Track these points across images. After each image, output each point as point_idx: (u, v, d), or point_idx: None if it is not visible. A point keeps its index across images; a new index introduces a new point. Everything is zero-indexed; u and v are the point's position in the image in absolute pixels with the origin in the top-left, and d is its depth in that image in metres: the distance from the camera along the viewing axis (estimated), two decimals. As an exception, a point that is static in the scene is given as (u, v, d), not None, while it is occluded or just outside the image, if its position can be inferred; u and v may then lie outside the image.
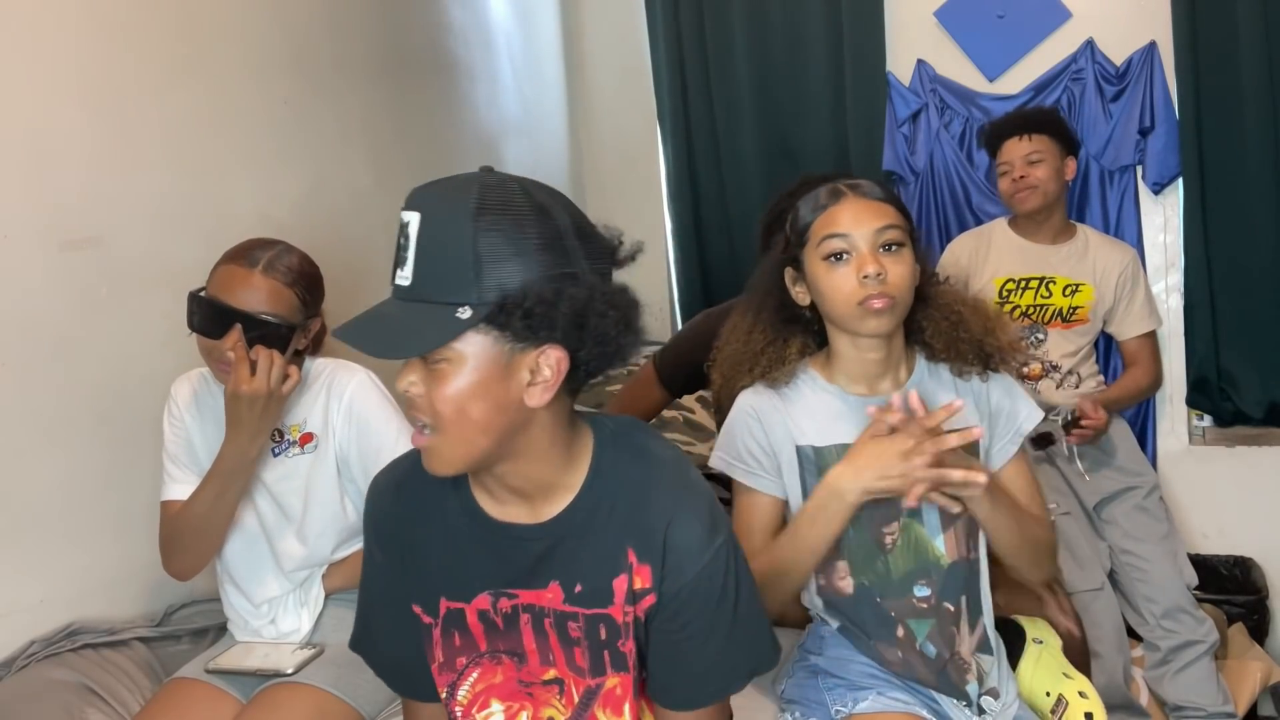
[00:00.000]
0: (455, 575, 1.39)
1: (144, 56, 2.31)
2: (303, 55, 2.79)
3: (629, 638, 1.37)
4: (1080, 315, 3.02)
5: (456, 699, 1.44)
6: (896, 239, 1.69)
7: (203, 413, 2.07)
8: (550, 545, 1.36)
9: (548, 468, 1.33)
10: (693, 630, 1.37)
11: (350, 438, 2.02)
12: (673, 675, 1.41)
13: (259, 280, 1.93)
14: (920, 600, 1.75)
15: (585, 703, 1.41)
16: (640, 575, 1.35)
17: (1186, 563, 2.93)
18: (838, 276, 1.69)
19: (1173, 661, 2.79)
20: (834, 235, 1.69)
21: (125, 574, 2.21)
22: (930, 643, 1.75)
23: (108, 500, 2.18)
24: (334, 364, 2.08)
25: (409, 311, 1.23)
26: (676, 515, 1.35)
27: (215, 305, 1.92)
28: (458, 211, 1.22)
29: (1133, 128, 3.29)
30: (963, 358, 1.77)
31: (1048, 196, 2.98)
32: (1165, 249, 3.37)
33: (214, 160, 2.47)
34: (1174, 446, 3.38)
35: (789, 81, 3.64)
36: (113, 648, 2.11)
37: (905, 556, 1.75)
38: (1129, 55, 3.29)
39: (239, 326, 1.90)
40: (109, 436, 2.18)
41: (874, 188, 1.76)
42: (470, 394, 1.22)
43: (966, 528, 1.77)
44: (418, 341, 1.22)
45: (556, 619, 1.38)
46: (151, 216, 2.29)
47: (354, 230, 2.93)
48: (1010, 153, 2.99)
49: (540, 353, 1.24)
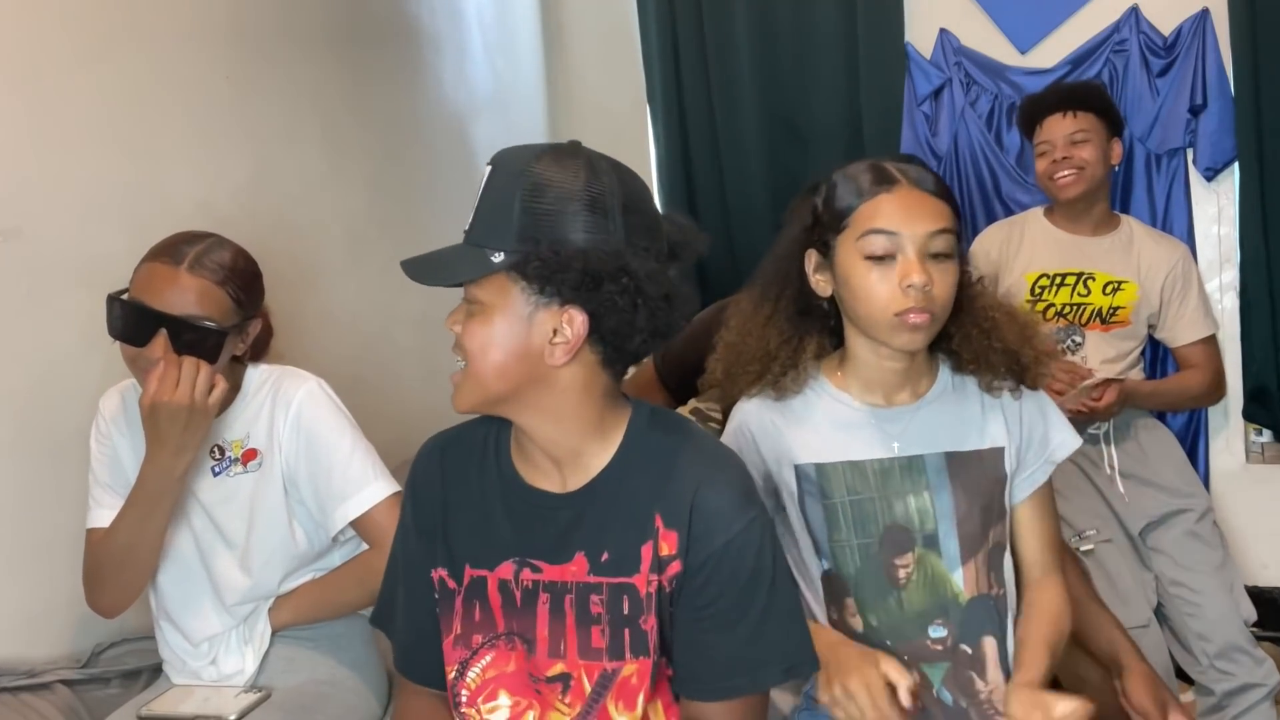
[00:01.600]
0: (483, 540, 1.55)
1: (69, 25, 2.32)
2: (247, 24, 2.80)
3: (650, 613, 1.47)
4: (1121, 316, 3.01)
5: (465, 680, 1.55)
6: (947, 249, 1.67)
7: (134, 429, 2.06)
8: (578, 514, 1.51)
9: (574, 434, 1.50)
10: (720, 608, 1.47)
11: (298, 453, 2.02)
12: (698, 661, 1.50)
13: (186, 279, 1.91)
14: (935, 642, 1.76)
15: (598, 693, 1.50)
16: (666, 541, 1.48)
17: (1244, 596, 2.93)
18: (876, 279, 1.67)
19: (1228, 708, 2.80)
20: (880, 231, 1.66)
21: (47, 608, 2.21)
22: (946, 689, 1.76)
23: (28, 524, 2.19)
24: (280, 371, 2.08)
25: (457, 252, 1.46)
26: (706, 481, 1.49)
27: (137, 308, 1.91)
28: (516, 166, 1.44)
29: (1182, 106, 3.32)
30: (994, 370, 1.76)
31: (1092, 182, 2.98)
32: (1219, 242, 3.40)
33: (148, 142, 2.48)
34: (1229, 465, 3.41)
35: (795, 54, 3.66)
36: (32, 691, 2.11)
37: (920, 593, 1.76)
38: (1178, 24, 3.32)
39: (164, 332, 1.89)
40: (29, 452, 2.19)
41: (926, 175, 1.71)
42: (493, 337, 1.44)
43: (989, 559, 1.78)
44: (448, 274, 1.47)
45: (579, 594, 1.50)
46: (77, 205, 2.30)
47: (303, 219, 2.95)
48: (1051, 131, 2.99)
49: (564, 312, 1.42)
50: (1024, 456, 1.81)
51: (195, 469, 2.01)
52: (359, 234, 3.13)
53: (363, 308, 3.13)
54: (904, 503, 1.76)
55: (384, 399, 3.05)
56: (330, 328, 2.96)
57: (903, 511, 1.76)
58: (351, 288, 3.10)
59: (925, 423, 1.78)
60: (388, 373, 3.21)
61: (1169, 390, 3.11)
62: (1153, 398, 3.06)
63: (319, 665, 2.09)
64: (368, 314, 3.14)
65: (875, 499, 1.76)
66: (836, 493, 1.77)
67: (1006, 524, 1.82)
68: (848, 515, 1.77)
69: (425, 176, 3.40)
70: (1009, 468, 1.80)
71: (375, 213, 3.17)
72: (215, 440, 2.04)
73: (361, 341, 3.13)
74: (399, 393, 3.18)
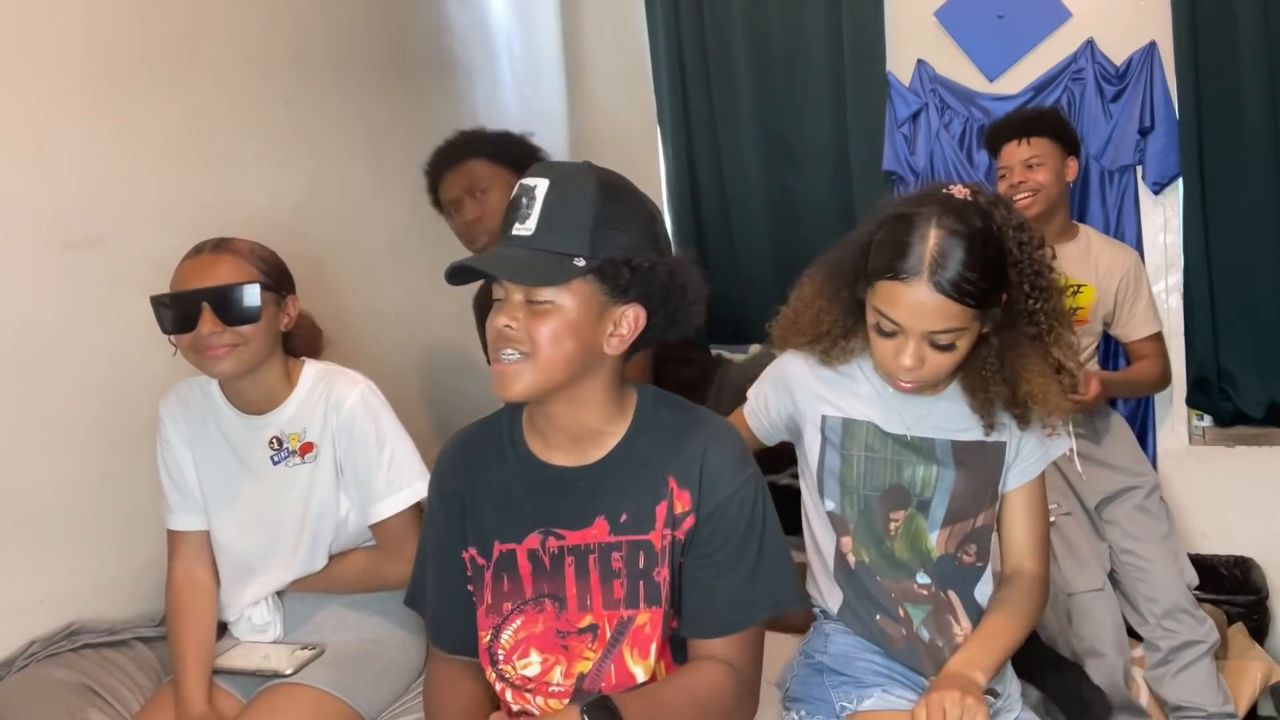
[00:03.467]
0: (509, 517, 1.57)
1: (145, 56, 2.32)
2: (304, 55, 2.79)
3: (664, 565, 1.53)
4: (1081, 316, 2.94)
5: (500, 642, 1.58)
6: (950, 341, 1.62)
7: (192, 429, 2.05)
8: (596, 484, 1.55)
9: (597, 415, 1.54)
10: (723, 556, 1.54)
11: (348, 451, 2.00)
12: (704, 605, 1.55)
13: (213, 260, 1.91)
14: (921, 587, 1.77)
15: (615, 639, 1.53)
16: (680, 500, 1.53)
17: (1187, 562, 2.92)
18: (880, 343, 1.66)
19: (1173, 662, 2.78)
20: (886, 317, 1.62)
21: (125, 574, 2.21)
22: (925, 628, 1.76)
23: (108, 500, 2.18)
24: (332, 370, 2.06)
25: (531, 256, 1.44)
26: (711, 444, 1.55)
27: (177, 296, 1.89)
28: (585, 182, 1.46)
29: (1133, 128, 3.29)
30: (989, 407, 1.72)
31: (1048, 201, 2.94)
32: (1165, 249, 3.36)
33: (215, 160, 2.47)
34: (1174, 446, 3.38)
35: (789, 82, 3.64)
36: (113, 647, 2.11)
37: (902, 545, 1.77)
38: (1129, 55, 3.29)
39: (207, 305, 1.87)
40: (109, 436, 2.19)
41: (962, 268, 1.56)
42: (568, 331, 1.45)
43: (973, 534, 1.77)
44: (543, 276, 1.43)
45: (601, 554, 1.54)
46: (151, 216, 2.29)
47: (353, 229, 2.93)
48: (1009, 157, 2.95)
49: (625, 309, 1.48)
50: (1023, 449, 1.79)
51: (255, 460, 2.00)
52: (402, 243, 3.11)
53: (406, 308, 3.11)
54: (912, 469, 1.75)
55: (425, 388, 3.04)
56: (377, 326, 2.94)
57: (909, 476, 1.75)
58: (396, 291, 3.08)
59: (942, 414, 1.76)
60: (428, 365, 3.19)
61: (1131, 379, 3.08)
62: (1119, 386, 3.06)
63: (366, 625, 2.08)
64: (411, 314, 3.12)
65: (888, 460, 1.76)
66: (855, 447, 1.77)
67: (996, 509, 1.80)
68: (861, 468, 1.77)
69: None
70: (1009, 460, 1.78)
71: (416, 224, 3.15)
72: (274, 433, 2.01)
73: (405, 338, 3.11)
74: (438, 382, 3.16)
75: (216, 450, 2.04)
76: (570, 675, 1.55)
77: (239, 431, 2.03)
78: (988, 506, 1.78)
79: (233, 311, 1.89)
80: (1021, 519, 1.81)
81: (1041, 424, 1.73)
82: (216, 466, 2.04)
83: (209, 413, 2.04)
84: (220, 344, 1.89)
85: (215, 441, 2.04)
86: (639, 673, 1.54)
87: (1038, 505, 1.82)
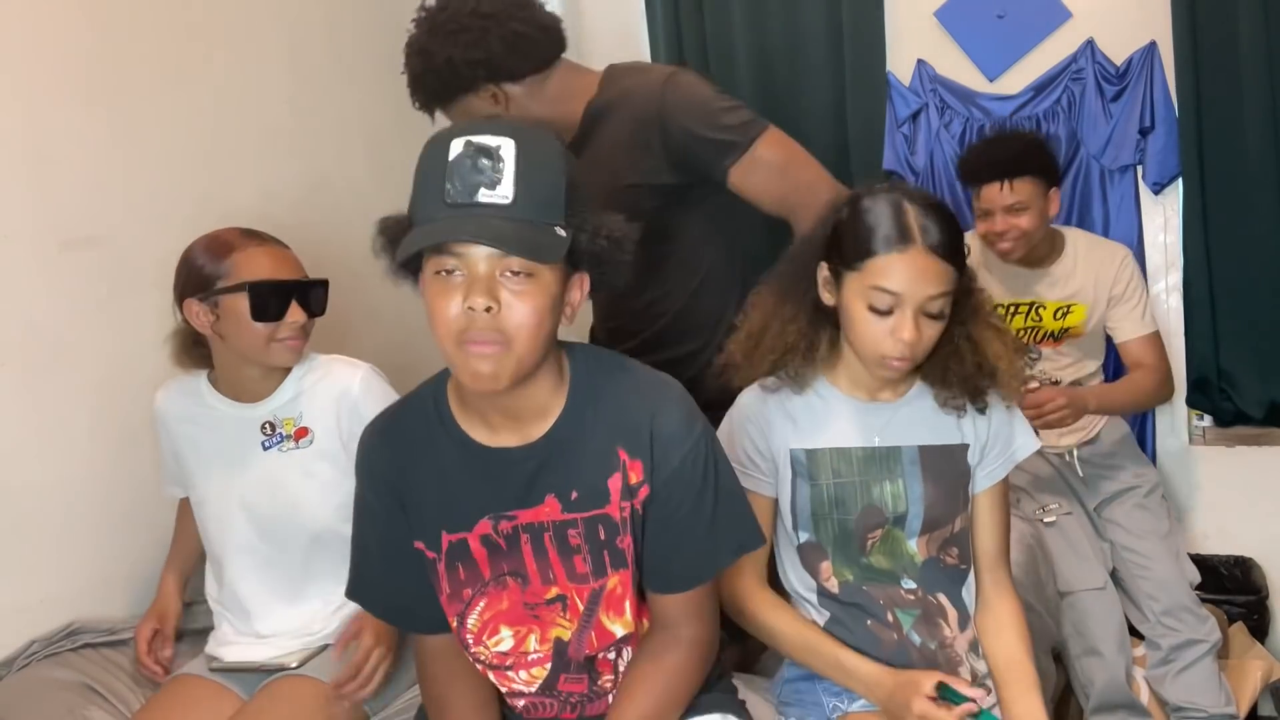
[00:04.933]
0: (453, 507, 1.47)
1: (145, 56, 2.32)
2: (303, 56, 2.79)
3: (626, 533, 1.46)
4: (1074, 333, 2.95)
5: (467, 627, 1.51)
6: (939, 310, 1.63)
7: (197, 425, 2.05)
8: (542, 462, 1.44)
9: (544, 390, 1.43)
10: (683, 514, 1.47)
11: (351, 434, 1.95)
12: (668, 560, 1.49)
13: (287, 254, 2.00)
14: (908, 592, 1.77)
15: (590, 610, 1.49)
16: (634, 470, 1.45)
17: (1188, 561, 2.92)
18: (873, 322, 1.64)
19: (1175, 661, 2.77)
20: (886, 291, 1.61)
21: (125, 573, 2.21)
22: (915, 632, 1.76)
23: (108, 500, 2.18)
24: (329, 359, 2.06)
25: (520, 226, 1.28)
26: (658, 408, 1.45)
27: (272, 286, 1.94)
28: (549, 141, 1.35)
29: (1133, 128, 3.28)
30: (950, 389, 1.74)
31: (1031, 241, 2.83)
32: (1165, 249, 3.35)
33: (215, 159, 2.47)
34: (1174, 446, 3.37)
35: (789, 82, 3.63)
36: (113, 647, 2.11)
37: (881, 555, 1.76)
38: (1129, 55, 3.28)
39: (294, 300, 1.96)
40: (109, 436, 2.19)
41: (942, 232, 1.61)
42: (545, 309, 1.32)
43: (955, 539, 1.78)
44: (546, 250, 1.29)
45: (556, 531, 1.46)
46: (151, 216, 2.29)
47: (353, 228, 2.90)
48: (990, 200, 2.81)
49: (576, 276, 1.38)
50: (987, 453, 1.79)
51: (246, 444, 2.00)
52: (402, 242, 3.09)
53: (404, 306, 3.04)
54: (880, 487, 1.74)
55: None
56: (377, 323, 2.94)
57: (879, 495, 1.74)
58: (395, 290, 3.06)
59: (905, 419, 1.77)
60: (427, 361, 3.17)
61: (1127, 393, 2.93)
62: (1115, 402, 2.91)
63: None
64: (409, 311, 3.05)
65: (856, 483, 1.75)
66: (823, 475, 1.75)
67: (969, 513, 1.81)
68: (831, 495, 1.75)
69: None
70: (972, 462, 1.78)
71: (417, 223, 3.15)
72: (266, 418, 2.00)
73: (404, 335, 3.08)
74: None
75: (209, 441, 2.03)
76: (546, 640, 1.52)
77: (230, 421, 2.02)
78: (962, 510, 1.79)
79: (315, 305, 2.00)
80: (989, 521, 1.82)
81: (1002, 399, 1.76)
82: (210, 457, 2.03)
83: (200, 410, 2.04)
84: (298, 335, 1.97)
85: (208, 433, 2.03)
86: (618, 629, 1.52)
87: (1003, 504, 1.83)
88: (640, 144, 2.16)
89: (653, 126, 2.15)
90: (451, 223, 1.29)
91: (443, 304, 1.31)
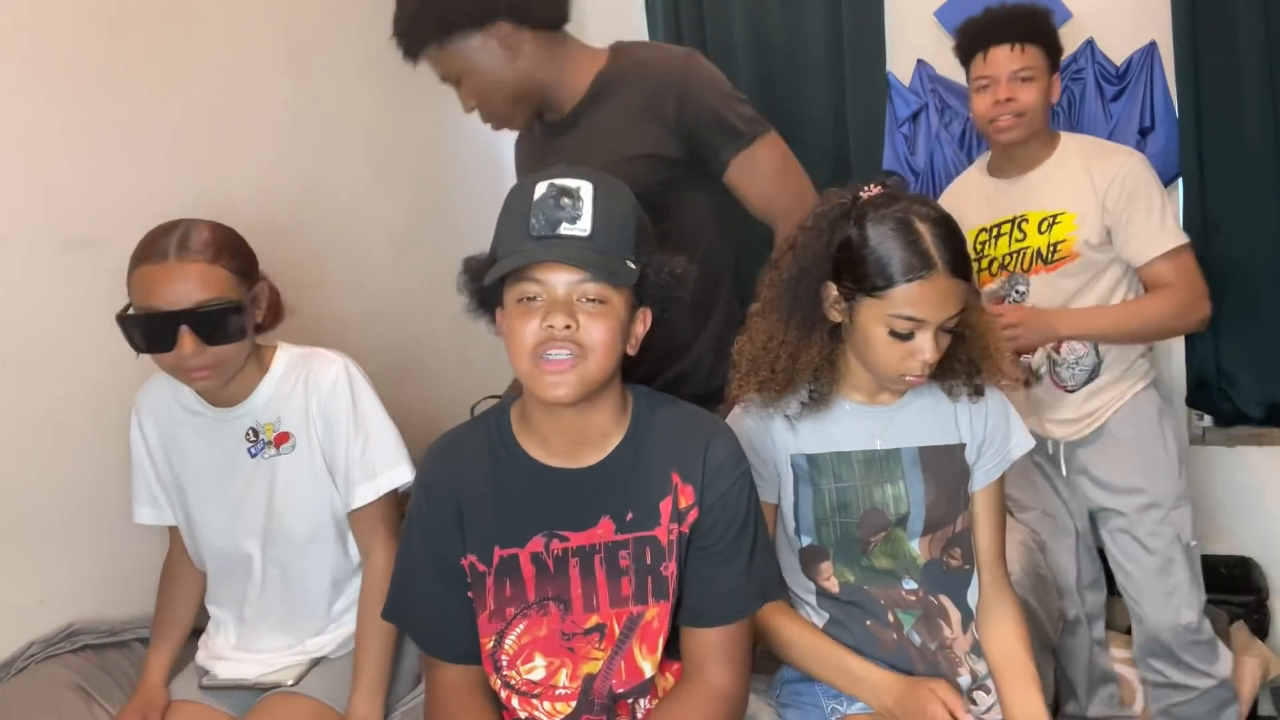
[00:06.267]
0: (509, 522, 1.57)
1: (144, 56, 2.32)
2: (302, 57, 2.79)
3: (671, 559, 1.55)
4: (1064, 251, 2.46)
5: (504, 648, 1.58)
6: (958, 321, 1.66)
7: (160, 427, 1.98)
8: (599, 485, 1.56)
9: (607, 416, 1.56)
10: (723, 547, 1.57)
11: (329, 433, 1.91)
12: (704, 595, 1.57)
13: (180, 270, 1.72)
14: (909, 593, 1.77)
15: (624, 637, 1.54)
16: (684, 495, 1.56)
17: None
18: (893, 348, 1.65)
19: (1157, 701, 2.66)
20: (911, 318, 1.62)
21: (125, 574, 2.20)
22: (915, 633, 1.76)
23: (107, 500, 2.17)
24: (308, 353, 1.97)
25: (597, 256, 1.44)
26: (712, 439, 1.58)
27: (149, 317, 1.73)
28: (621, 187, 1.51)
29: (1133, 128, 3.28)
30: (954, 377, 1.76)
31: (1032, 126, 2.48)
32: (1165, 249, 3.35)
33: (214, 160, 2.47)
34: (1174, 446, 3.37)
35: (789, 82, 3.63)
36: (113, 648, 2.11)
37: (882, 556, 1.77)
38: (1129, 55, 3.29)
39: (185, 328, 1.72)
40: (109, 436, 2.18)
41: (956, 252, 1.63)
42: (616, 331, 1.47)
43: (957, 539, 1.79)
44: (619, 276, 1.46)
45: (607, 553, 1.55)
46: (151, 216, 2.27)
47: (352, 229, 2.93)
48: (995, 65, 2.45)
49: (641, 311, 1.53)
50: (984, 452, 1.80)
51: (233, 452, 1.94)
52: (401, 242, 3.11)
53: (405, 307, 3.10)
54: (881, 490, 1.75)
55: (423, 387, 3.03)
56: (376, 325, 2.94)
57: (880, 497, 1.75)
58: (395, 290, 3.08)
59: (904, 420, 1.78)
60: (427, 364, 3.19)
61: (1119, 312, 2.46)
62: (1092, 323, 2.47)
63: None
64: (409, 313, 3.12)
65: (858, 486, 1.75)
66: (825, 480, 1.76)
67: (970, 512, 1.81)
68: (833, 499, 1.76)
69: (459, 191, 3.36)
70: (970, 461, 1.79)
71: (415, 223, 3.15)
72: (250, 423, 1.93)
73: (404, 337, 3.10)
74: (437, 381, 3.16)
75: (197, 447, 1.96)
76: (576, 677, 1.56)
77: (213, 426, 1.94)
78: (963, 509, 1.80)
79: (215, 333, 1.75)
80: (986, 520, 1.83)
81: (997, 383, 1.78)
82: (195, 465, 1.96)
83: (184, 414, 1.96)
84: (202, 365, 1.76)
85: (195, 438, 1.96)
86: (646, 668, 1.55)
87: (999, 502, 1.85)
88: (653, 114, 2.13)
89: (670, 98, 2.12)
90: (537, 250, 1.44)
91: (522, 325, 1.45)
